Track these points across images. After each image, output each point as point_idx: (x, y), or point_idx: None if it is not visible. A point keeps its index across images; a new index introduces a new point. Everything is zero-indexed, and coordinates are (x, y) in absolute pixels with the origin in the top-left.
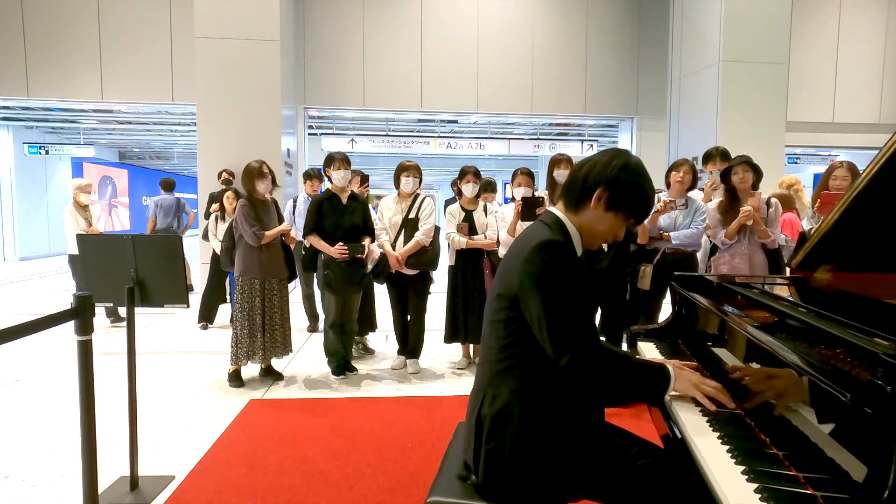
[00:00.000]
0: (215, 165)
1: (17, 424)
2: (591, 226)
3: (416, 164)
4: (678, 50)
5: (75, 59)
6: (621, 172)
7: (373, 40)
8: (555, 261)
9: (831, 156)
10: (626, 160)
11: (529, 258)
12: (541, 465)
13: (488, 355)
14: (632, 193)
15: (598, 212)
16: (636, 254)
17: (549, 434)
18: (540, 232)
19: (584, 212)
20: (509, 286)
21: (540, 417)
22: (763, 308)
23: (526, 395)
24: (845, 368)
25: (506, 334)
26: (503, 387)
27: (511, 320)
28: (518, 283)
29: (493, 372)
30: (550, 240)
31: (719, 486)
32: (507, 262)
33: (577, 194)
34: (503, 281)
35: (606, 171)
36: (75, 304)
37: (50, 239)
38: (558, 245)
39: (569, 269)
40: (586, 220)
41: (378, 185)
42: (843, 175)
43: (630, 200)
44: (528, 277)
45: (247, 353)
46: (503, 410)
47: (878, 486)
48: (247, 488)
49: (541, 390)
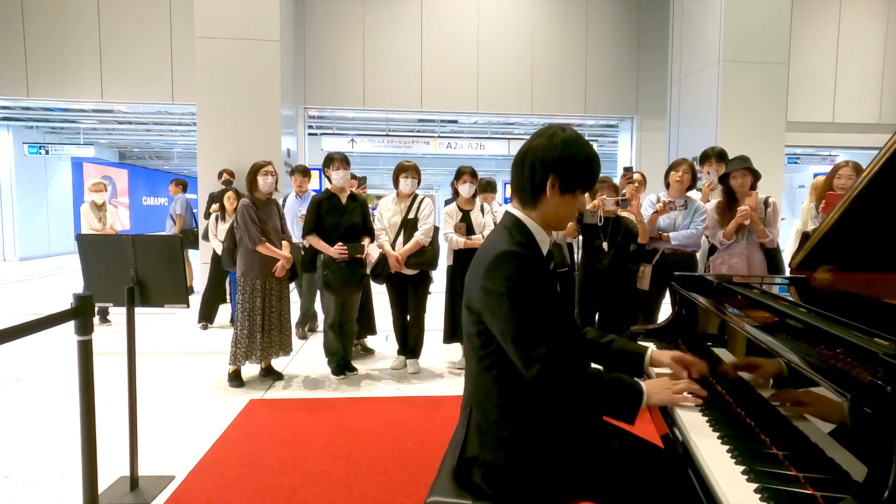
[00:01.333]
0: (215, 165)
1: (17, 424)
2: (554, 213)
3: (415, 165)
4: (678, 50)
5: (75, 59)
6: (565, 150)
7: (373, 40)
8: (513, 272)
9: (831, 156)
10: (564, 136)
11: (486, 273)
12: (532, 472)
13: (470, 367)
14: (582, 168)
15: (555, 198)
16: (636, 254)
17: (538, 443)
18: (499, 240)
19: (542, 203)
20: (473, 300)
21: (527, 427)
22: (763, 308)
23: (510, 407)
24: (845, 368)
25: (480, 345)
26: (487, 399)
27: (483, 332)
28: (479, 298)
29: (476, 384)
30: (505, 251)
31: (719, 486)
32: (471, 272)
33: (530, 189)
34: (469, 293)
35: (551, 155)
36: (75, 304)
37: (50, 239)
38: (514, 255)
39: (530, 278)
40: (547, 209)
41: (378, 185)
42: (849, 175)
43: (582, 175)
44: (486, 293)
45: (245, 354)
46: (490, 422)
47: (878, 486)
48: (247, 488)
49: (525, 400)
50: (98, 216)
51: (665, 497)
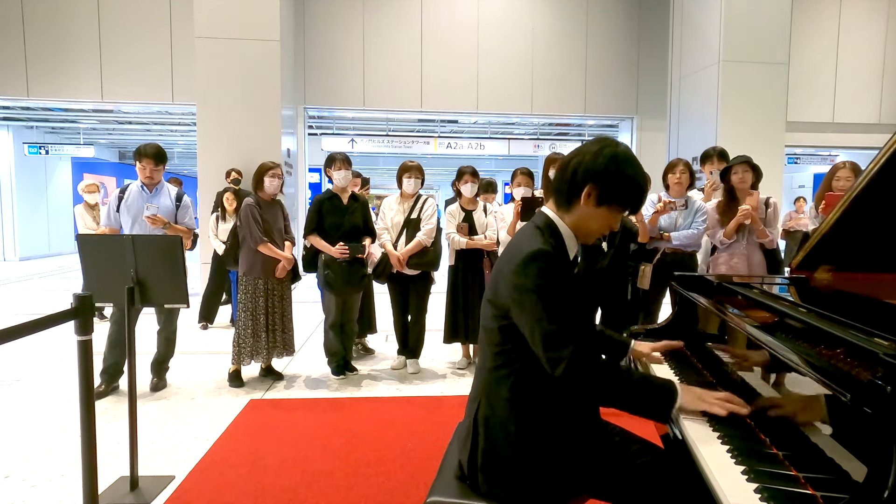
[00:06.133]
0: (215, 165)
1: (17, 424)
2: (585, 223)
3: (419, 165)
4: (678, 50)
5: (75, 59)
6: (609, 164)
7: (373, 40)
8: (544, 271)
9: (831, 156)
10: (614, 151)
11: (518, 269)
12: (537, 468)
13: (484, 361)
14: (623, 185)
15: (589, 208)
16: (636, 253)
17: (544, 439)
18: (530, 238)
19: (575, 209)
20: (500, 295)
21: (534, 424)
22: (763, 308)
23: (520, 402)
24: (845, 368)
25: (500, 341)
26: (498, 394)
27: (504, 328)
28: (508, 294)
29: (488, 379)
30: (539, 250)
31: (719, 485)
32: (499, 268)
33: (567, 192)
34: (495, 288)
35: (594, 166)
36: (75, 304)
37: (50, 239)
38: (547, 255)
39: (559, 278)
40: (579, 217)
41: (378, 186)
42: (847, 175)
43: (621, 193)
44: (517, 290)
45: (250, 353)
46: (498, 417)
47: (878, 486)
48: (247, 488)
49: (535, 397)
50: (92, 216)
51: (665, 496)
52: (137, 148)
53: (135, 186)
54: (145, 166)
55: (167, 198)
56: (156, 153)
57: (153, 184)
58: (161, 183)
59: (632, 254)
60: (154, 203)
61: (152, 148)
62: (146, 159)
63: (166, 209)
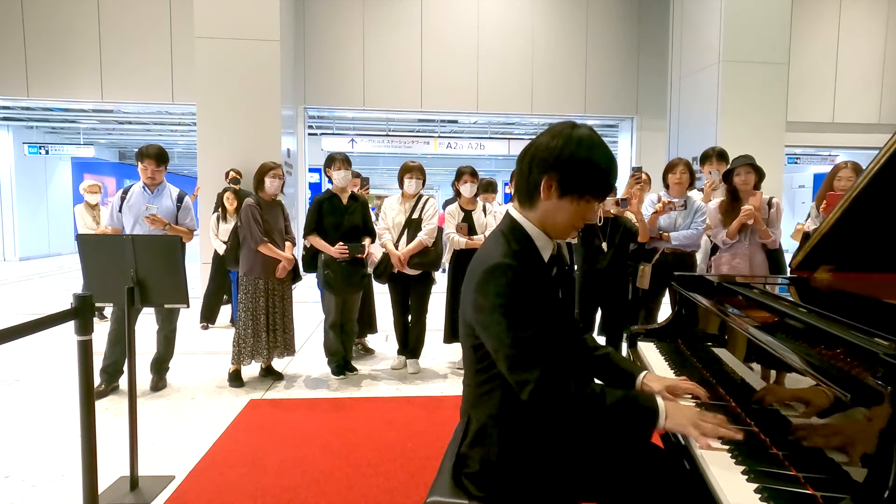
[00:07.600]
0: (215, 165)
1: (17, 424)
2: (552, 218)
3: (420, 165)
4: (678, 50)
5: (75, 59)
6: (564, 150)
7: (373, 40)
8: (506, 287)
9: (831, 156)
10: (569, 135)
11: (478, 287)
12: (531, 479)
13: (467, 377)
14: (583, 171)
15: (552, 202)
16: (636, 253)
17: (535, 453)
18: (493, 249)
19: (538, 205)
20: (466, 313)
21: (523, 439)
22: (763, 308)
23: (506, 419)
24: (845, 368)
25: (477, 359)
26: (483, 411)
27: (478, 346)
28: (471, 313)
29: (473, 395)
30: (497, 264)
31: (719, 486)
32: (466, 282)
33: (526, 188)
34: (463, 304)
35: (548, 155)
36: (75, 304)
37: (50, 239)
38: (507, 268)
39: (524, 290)
40: (544, 213)
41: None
42: (848, 176)
43: (583, 179)
44: (478, 310)
45: (250, 353)
46: (486, 433)
47: (878, 486)
48: (247, 488)
49: (522, 412)
50: (92, 216)
51: (665, 497)
52: (139, 149)
53: (137, 187)
54: (147, 167)
55: (168, 199)
56: (157, 154)
57: (155, 184)
58: (163, 184)
59: (631, 253)
60: (155, 204)
61: (154, 149)
62: (148, 160)
63: (167, 210)
